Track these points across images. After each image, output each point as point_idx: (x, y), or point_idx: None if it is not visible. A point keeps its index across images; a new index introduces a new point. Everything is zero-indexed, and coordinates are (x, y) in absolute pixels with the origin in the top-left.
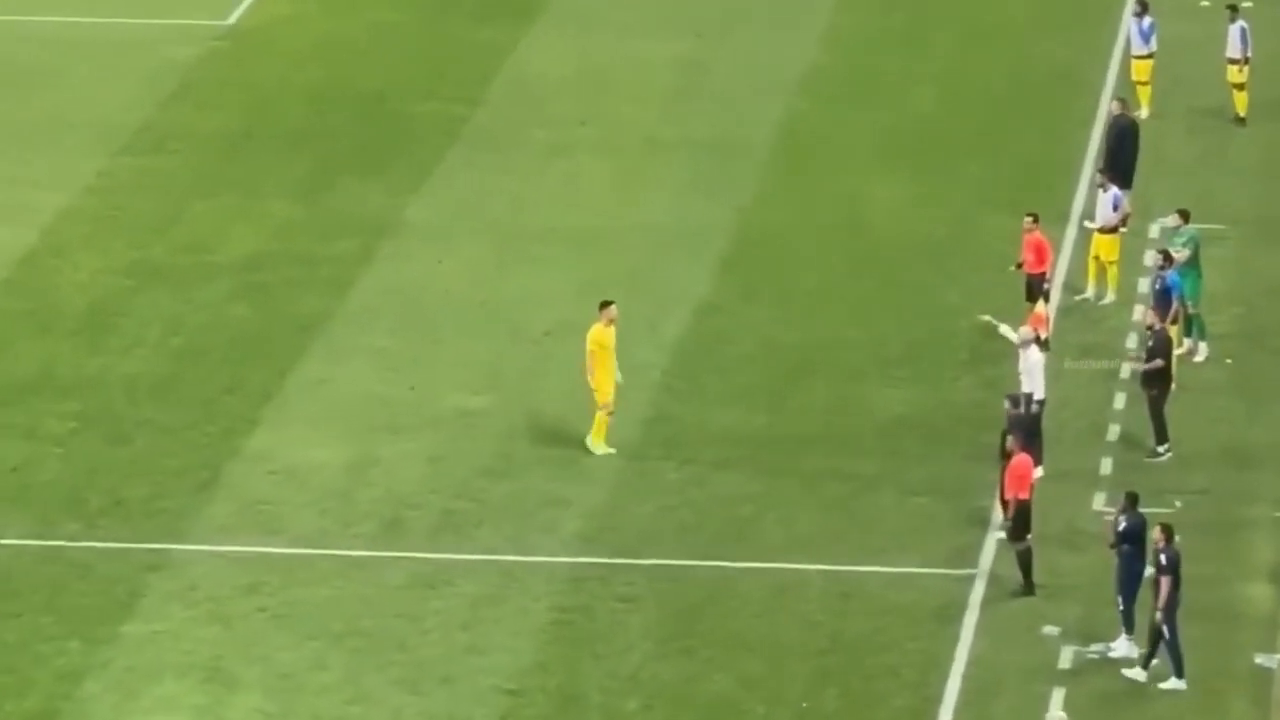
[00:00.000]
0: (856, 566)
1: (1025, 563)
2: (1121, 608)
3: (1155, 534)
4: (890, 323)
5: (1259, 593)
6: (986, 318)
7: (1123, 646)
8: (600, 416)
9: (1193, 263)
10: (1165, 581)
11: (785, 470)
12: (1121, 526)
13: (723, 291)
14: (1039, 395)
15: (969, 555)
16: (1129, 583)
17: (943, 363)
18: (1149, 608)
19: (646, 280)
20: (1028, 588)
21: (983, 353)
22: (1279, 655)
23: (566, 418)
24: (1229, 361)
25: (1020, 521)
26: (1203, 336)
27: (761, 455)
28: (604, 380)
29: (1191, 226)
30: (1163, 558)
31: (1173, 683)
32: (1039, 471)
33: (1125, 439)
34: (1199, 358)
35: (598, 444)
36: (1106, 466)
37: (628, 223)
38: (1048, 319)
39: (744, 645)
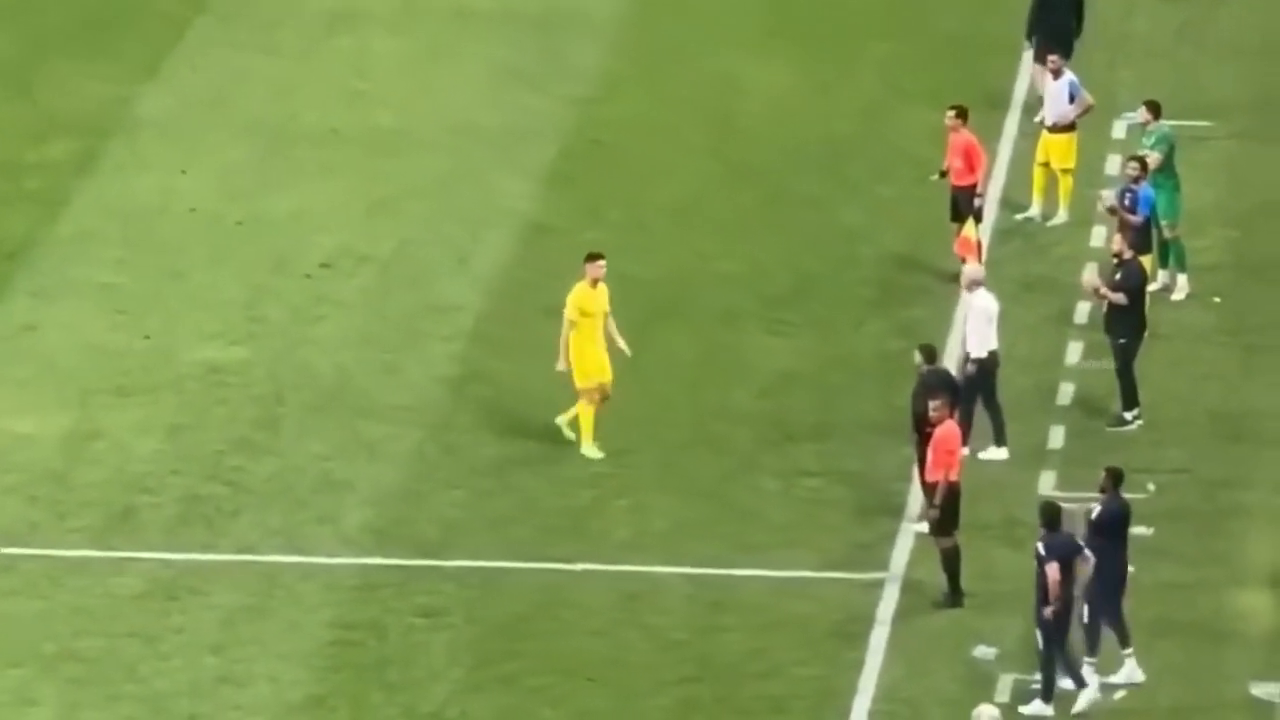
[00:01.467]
0: (730, 570)
1: (951, 564)
2: (1086, 621)
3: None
4: (774, 251)
5: (1256, 603)
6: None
7: (1128, 670)
8: (582, 408)
9: (1167, 170)
10: (1051, 569)
11: (637, 444)
12: (1095, 514)
13: (554, 210)
14: (980, 351)
15: (877, 555)
16: (1103, 590)
17: (842, 303)
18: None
19: (455, 196)
20: (954, 596)
21: (895, 289)
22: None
23: (350, 375)
24: (1217, 300)
25: (946, 511)
26: (1182, 267)
27: (605, 424)
28: (585, 359)
29: (1164, 123)
30: (1039, 545)
31: (1036, 707)
32: (1001, 454)
33: (1082, 402)
34: (1178, 295)
35: (587, 443)
36: (1057, 438)
37: (430, 120)
38: (979, 245)
39: (582, 672)
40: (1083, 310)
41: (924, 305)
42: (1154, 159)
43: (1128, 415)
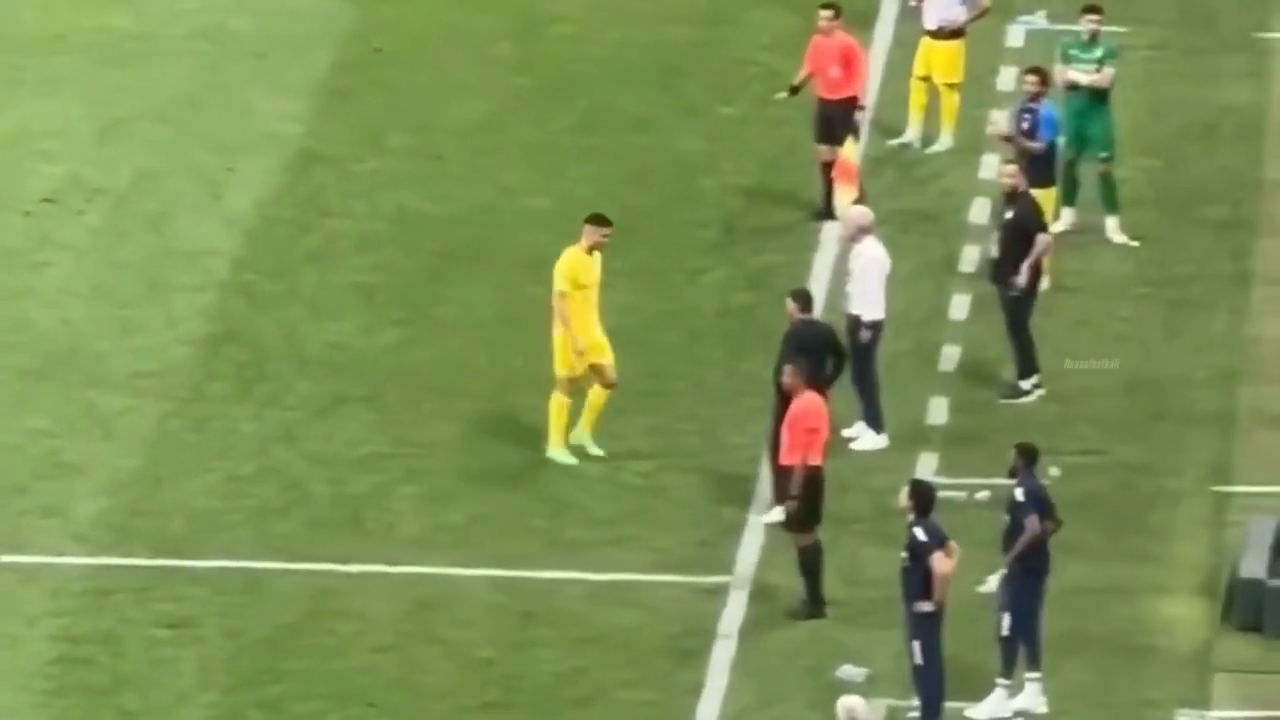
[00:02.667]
0: (542, 572)
1: (811, 566)
2: (1005, 633)
3: (902, 497)
4: (593, 184)
5: (1181, 613)
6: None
7: (1030, 695)
8: (556, 402)
9: (1101, 92)
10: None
11: (427, 417)
12: (1020, 497)
13: (326, 134)
14: (876, 312)
15: (720, 554)
16: (1020, 590)
17: (676, 247)
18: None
19: (205, 117)
20: (814, 604)
21: (742, 230)
22: (1213, 713)
23: (80, 333)
24: (1136, 244)
25: (806, 502)
26: (1113, 208)
27: (389, 394)
28: (590, 331)
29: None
30: (919, 531)
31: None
32: (880, 440)
33: (969, 369)
34: (1117, 237)
35: (556, 446)
36: (939, 412)
37: (174, 23)
38: (858, 172)
39: (362, 696)
40: (970, 256)
41: (777, 250)
42: (1106, 77)
43: (1025, 384)
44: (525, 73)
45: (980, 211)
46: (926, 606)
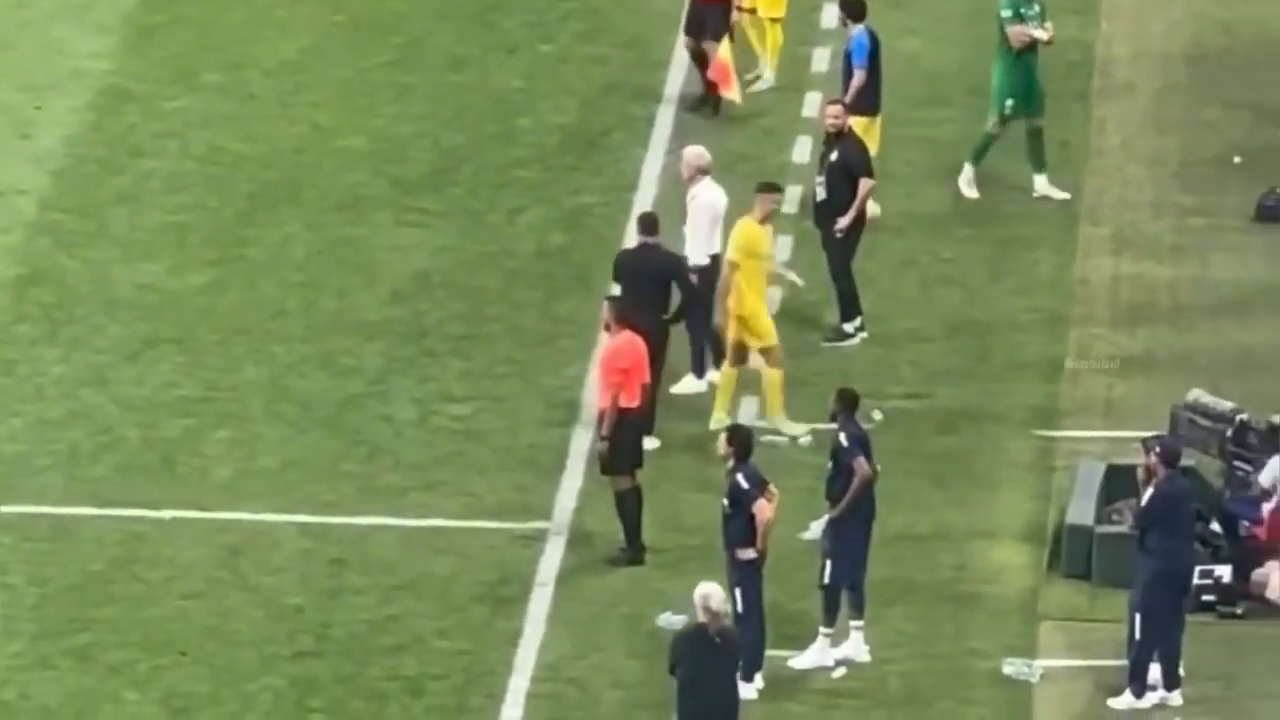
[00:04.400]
0: (355, 518)
1: (629, 511)
2: (827, 580)
3: (721, 444)
4: (408, 123)
5: (1007, 561)
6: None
7: (853, 644)
8: (773, 376)
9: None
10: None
11: (239, 360)
12: (844, 441)
13: (135, 71)
14: (702, 256)
15: (537, 500)
16: (843, 537)
17: (493, 187)
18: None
19: (12, 53)
20: (632, 551)
21: (561, 170)
22: (1040, 661)
23: None
24: (976, 196)
25: (623, 444)
26: (1042, 166)
27: (200, 336)
28: (759, 308)
29: None
30: (740, 478)
31: (752, 688)
32: (704, 381)
33: (790, 311)
34: (970, 192)
35: (782, 418)
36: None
37: None
38: (731, 74)
39: (174, 645)
40: (791, 196)
41: (595, 190)
42: (1042, 35)
43: (847, 328)
44: (341, 9)
45: (802, 151)
46: (749, 554)
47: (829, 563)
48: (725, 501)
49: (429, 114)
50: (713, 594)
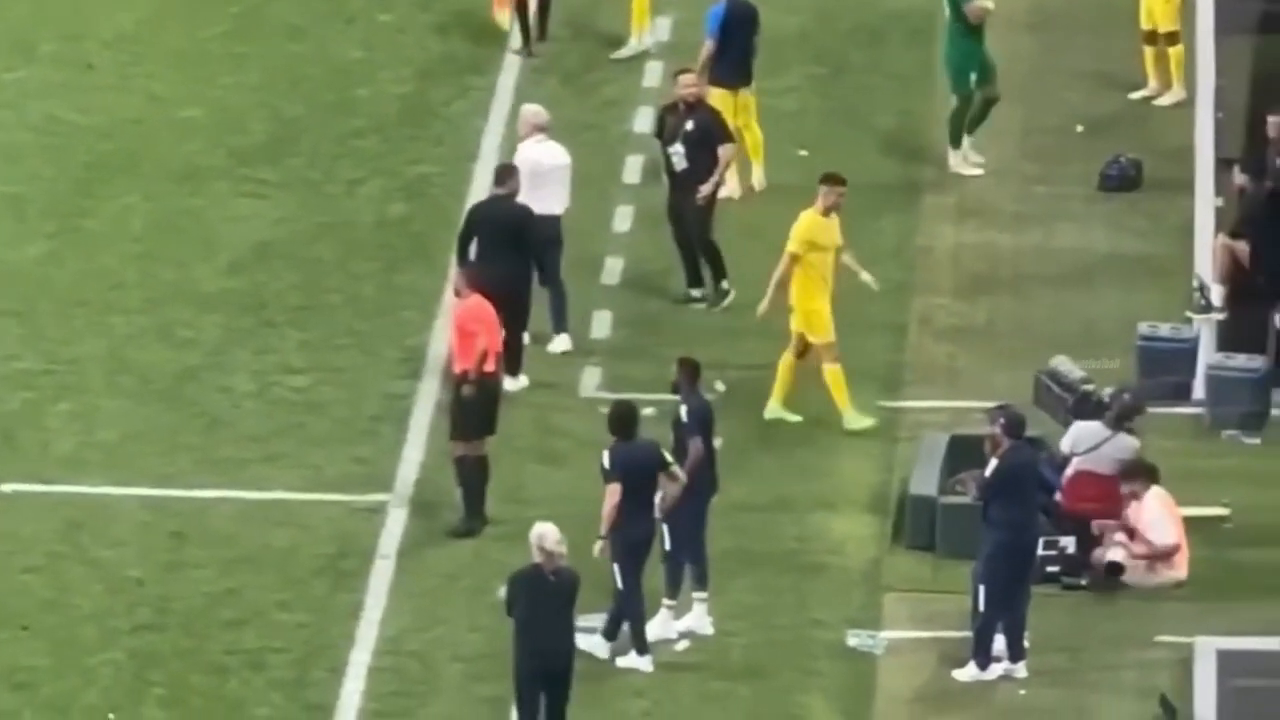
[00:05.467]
0: (194, 491)
1: (473, 481)
2: (668, 546)
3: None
4: (246, 93)
5: (850, 531)
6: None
7: (696, 616)
8: (832, 374)
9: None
10: (611, 493)
11: (78, 332)
12: (684, 417)
13: None
14: (557, 208)
15: (379, 472)
16: (682, 509)
17: (332, 158)
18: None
19: None
20: (471, 522)
21: (400, 140)
22: (883, 633)
23: None
24: (803, 153)
25: (471, 412)
26: (973, 132)
27: (39, 308)
28: (821, 303)
29: None
30: (607, 458)
31: (633, 659)
32: (563, 343)
33: (633, 281)
34: (971, 170)
35: (850, 412)
36: (602, 326)
37: None
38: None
39: (13, 620)
40: (633, 166)
41: (435, 160)
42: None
43: (694, 293)
44: None
45: (644, 121)
46: (597, 549)
47: (667, 533)
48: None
49: (267, 84)
50: (547, 534)
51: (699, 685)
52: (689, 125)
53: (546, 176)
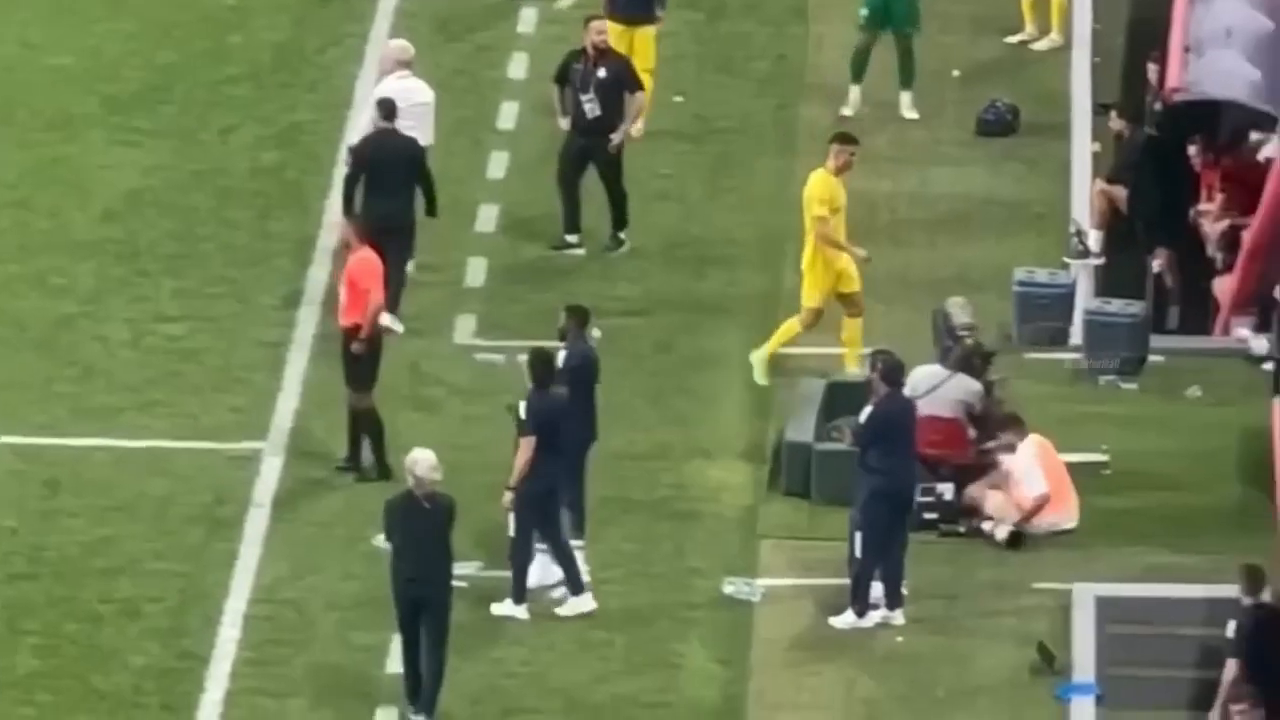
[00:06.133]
0: (67, 439)
1: (374, 429)
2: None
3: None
4: (118, 41)
5: (727, 479)
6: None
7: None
8: (853, 324)
9: None
10: (526, 445)
11: None
12: (567, 360)
13: None
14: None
15: (255, 420)
16: (575, 457)
17: (206, 105)
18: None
19: None
20: (352, 462)
21: (272, 87)
22: (760, 580)
23: None
24: (679, 99)
25: (370, 362)
26: (909, 83)
27: None
28: (836, 263)
29: None
30: (522, 407)
31: (509, 608)
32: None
33: (508, 227)
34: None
35: (764, 362)
36: (477, 273)
37: None
38: None
39: None
40: (508, 112)
41: (309, 107)
42: None
43: (621, 235)
44: None
45: (518, 67)
46: (507, 500)
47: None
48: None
49: (140, 32)
50: (420, 459)
51: (576, 633)
52: (601, 73)
53: (407, 113)
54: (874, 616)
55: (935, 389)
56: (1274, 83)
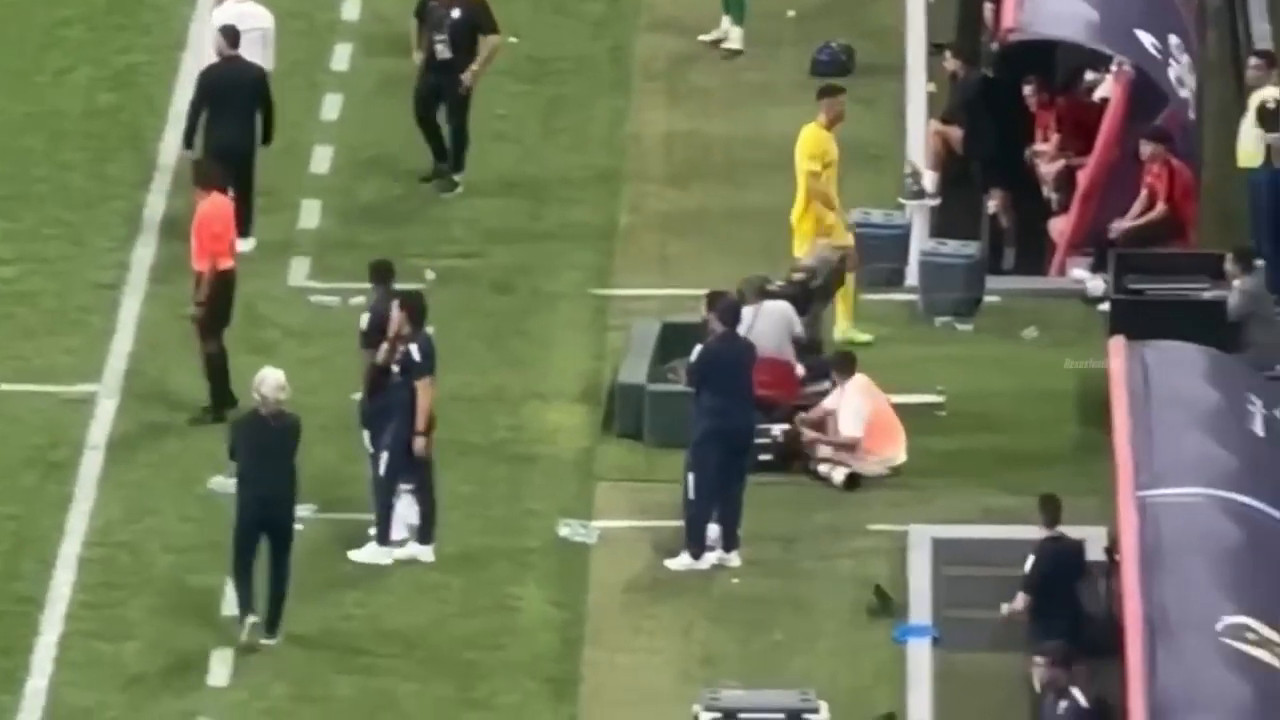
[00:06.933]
0: None
1: (218, 372)
2: (374, 448)
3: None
4: None
5: (563, 421)
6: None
7: (405, 506)
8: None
9: None
10: (426, 387)
11: None
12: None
13: None
14: None
15: (88, 363)
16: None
17: (39, 45)
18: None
19: None
20: (219, 410)
21: (108, 27)
22: (596, 523)
23: None
24: (514, 40)
25: (220, 306)
26: (741, 19)
27: None
28: (821, 223)
29: None
30: (415, 350)
31: (370, 551)
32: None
33: (341, 169)
34: (734, 44)
35: (848, 324)
36: (311, 216)
37: None
38: None
39: None
40: (341, 54)
41: (143, 49)
42: None
43: (457, 178)
44: None
45: (351, 9)
46: (419, 445)
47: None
48: (395, 370)
49: None
50: (266, 377)
51: (412, 576)
52: (455, 14)
53: (246, 38)
54: (710, 558)
55: (751, 328)
56: (1109, 22)
